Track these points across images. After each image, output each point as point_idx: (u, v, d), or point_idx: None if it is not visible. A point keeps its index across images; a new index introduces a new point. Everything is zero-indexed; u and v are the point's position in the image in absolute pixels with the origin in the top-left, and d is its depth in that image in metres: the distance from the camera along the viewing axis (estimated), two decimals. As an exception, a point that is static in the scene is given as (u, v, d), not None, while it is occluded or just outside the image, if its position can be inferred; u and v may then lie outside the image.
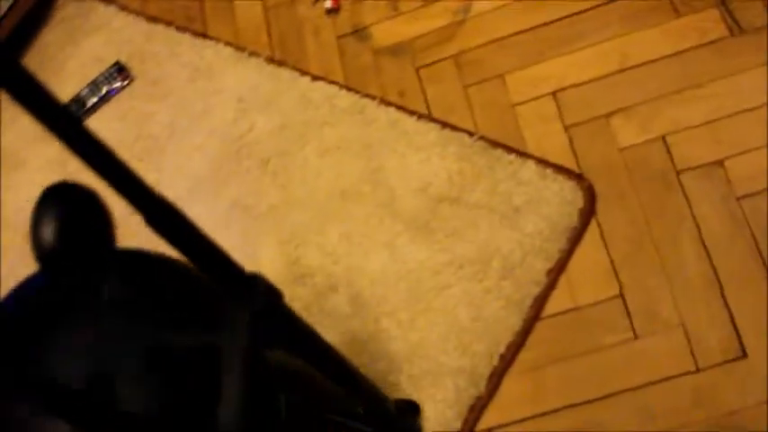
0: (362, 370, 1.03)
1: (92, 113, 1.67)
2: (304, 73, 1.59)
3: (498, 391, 1.27)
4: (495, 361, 1.27)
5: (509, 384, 1.27)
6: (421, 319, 1.32)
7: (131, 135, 1.60)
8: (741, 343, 1.21)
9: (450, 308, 1.31)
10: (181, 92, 1.62)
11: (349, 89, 1.55)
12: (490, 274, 1.32)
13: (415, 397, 1.28)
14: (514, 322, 1.29)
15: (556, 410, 1.24)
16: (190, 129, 1.58)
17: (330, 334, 0.93)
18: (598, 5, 1.47)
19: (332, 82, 1.57)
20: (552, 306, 1.30)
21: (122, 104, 1.66)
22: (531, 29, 1.51)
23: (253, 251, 1.39)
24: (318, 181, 1.48)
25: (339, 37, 1.63)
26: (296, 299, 1.34)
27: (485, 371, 1.27)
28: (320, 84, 1.58)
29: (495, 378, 1.27)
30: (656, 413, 1.20)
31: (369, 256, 1.38)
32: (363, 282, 1.36)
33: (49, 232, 0.88)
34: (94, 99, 1.68)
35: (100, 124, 1.61)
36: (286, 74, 1.62)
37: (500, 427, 1.26)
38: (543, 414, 1.25)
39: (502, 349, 1.27)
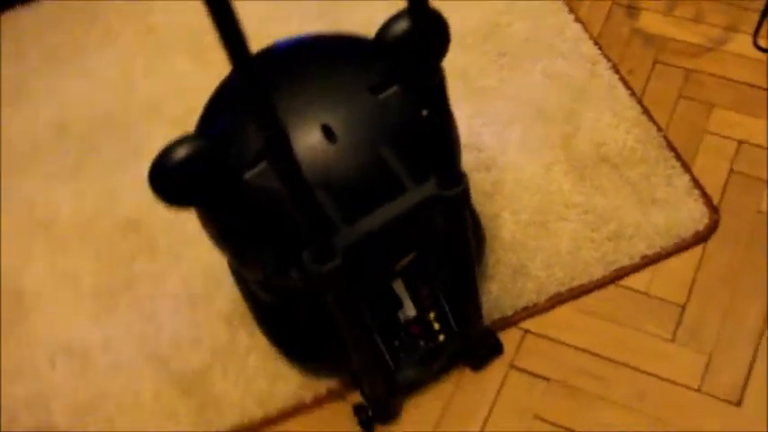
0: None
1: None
2: (572, 11, 1.88)
3: (552, 310, 1.55)
4: (564, 289, 1.55)
5: (562, 311, 1.55)
6: (532, 228, 1.61)
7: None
8: (742, 393, 1.45)
9: (558, 234, 1.60)
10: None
11: (596, 43, 1.83)
12: (602, 230, 1.59)
13: (486, 276, 1.57)
14: (595, 273, 1.56)
15: (576, 348, 1.51)
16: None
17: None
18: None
19: (587, 30, 1.85)
20: (629, 280, 1.56)
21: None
22: (759, 87, 1.75)
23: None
24: (531, 90, 1.77)
25: (614, 3, 1.91)
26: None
27: (552, 289, 1.55)
28: (578, 26, 1.86)
29: (556, 300, 1.55)
30: (645, 397, 1.46)
31: (529, 162, 1.67)
32: (512, 175, 1.66)
33: None
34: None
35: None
36: (558, 5, 1.90)
37: (535, 334, 1.54)
38: (565, 344, 1.53)
39: (574, 284, 1.55)
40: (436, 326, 1.41)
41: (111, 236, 1.75)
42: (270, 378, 1.55)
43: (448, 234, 1.21)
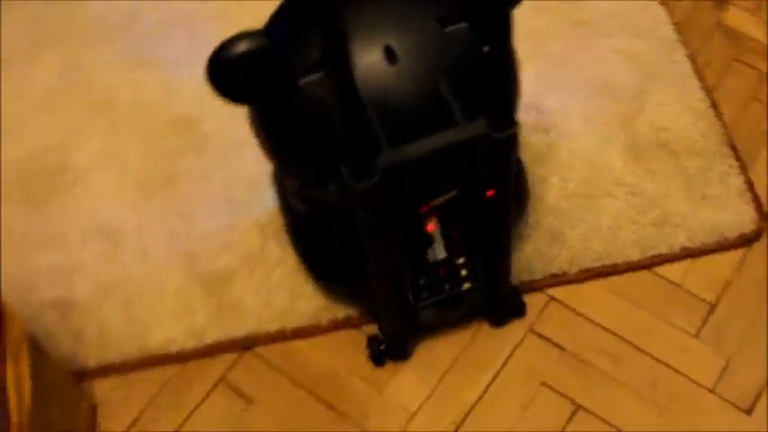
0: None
1: None
2: (662, -7, 1.86)
3: (581, 283, 1.55)
4: (597, 264, 1.54)
5: (591, 286, 1.55)
6: (578, 199, 1.60)
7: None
8: (755, 402, 1.43)
9: (602, 210, 1.59)
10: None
11: (677, 29, 1.81)
12: (647, 215, 1.58)
13: (523, 236, 1.56)
14: (631, 255, 1.54)
15: (598, 325, 1.51)
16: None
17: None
18: None
19: (670, 15, 1.82)
20: (664, 269, 1.55)
21: None
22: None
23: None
24: (602, 64, 1.75)
25: (705, -7, 1.88)
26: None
27: (585, 262, 1.54)
28: (661, 9, 1.83)
29: (588, 274, 1.54)
30: (657, 386, 1.45)
31: (586, 134, 1.66)
32: (568, 143, 1.65)
33: None
34: None
35: None
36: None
37: (560, 303, 1.54)
38: (588, 319, 1.52)
39: (608, 262, 1.54)
40: (463, 272, 1.40)
41: (164, 129, 1.77)
42: (292, 294, 1.56)
43: (490, 179, 1.20)
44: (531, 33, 1.79)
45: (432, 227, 1.34)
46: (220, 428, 1.47)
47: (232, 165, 1.70)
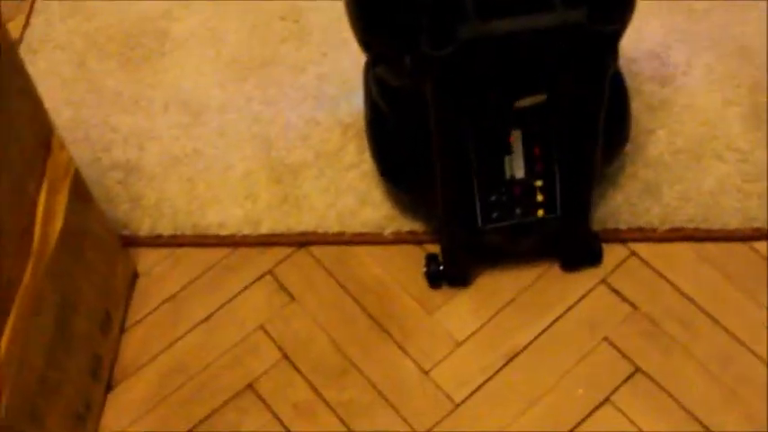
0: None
1: None
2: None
3: (669, 243, 1.42)
4: (691, 226, 1.42)
5: (679, 248, 1.41)
6: (684, 156, 1.48)
7: None
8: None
9: (708, 171, 1.45)
10: None
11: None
12: (755, 184, 1.43)
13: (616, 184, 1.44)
14: (730, 223, 1.41)
15: (678, 289, 1.38)
16: None
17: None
18: None
19: None
20: (761, 245, 1.40)
21: None
22: None
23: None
24: (741, 26, 1.62)
25: None
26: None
27: (678, 222, 1.41)
28: None
29: (679, 234, 1.42)
30: (729, 365, 1.31)
31: (708, 92, 1.54)
32: (685, 99, 1.54)
33: None
34: None
35: None
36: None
37: (641, 259, 1.41)
38: (668, 281, 1.39)
39: (703, 226, 1.41)
40: (540, 198, 1.29)
41: (270, 15, 1.72)
42: (360, 200, 1.48)
43: (582, 83, 1.09)
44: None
45: (513, 138, 1.23)
46: (254, 319, 1.40)
47: (330, 61, 1.65)
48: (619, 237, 1.43)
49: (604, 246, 1.41)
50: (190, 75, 1.66)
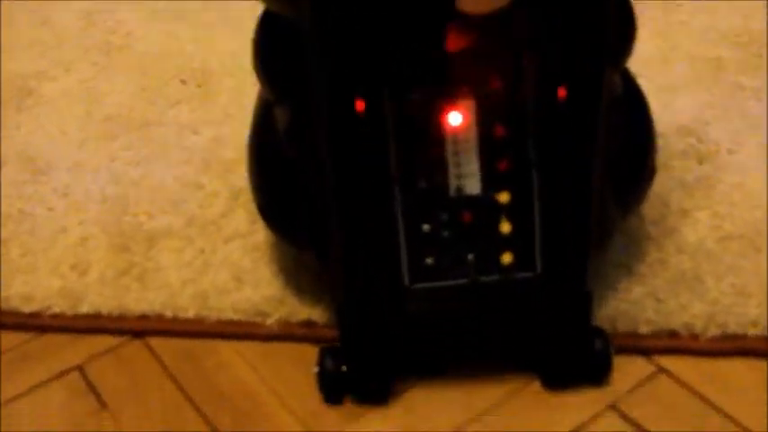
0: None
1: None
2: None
3: (714, 359, 0.87)
4: (751, 333, 0.89)
5: (731, 363, 0.87)
6: (736, 243, 0.98)
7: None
8: None
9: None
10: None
11: None
12: None
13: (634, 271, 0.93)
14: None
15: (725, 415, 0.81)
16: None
17: None
18: None
19: None
20: None
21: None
22: None
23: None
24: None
25: None
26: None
27: (731, 326, 0.88)
28: None
29: (732, 345, 0.89)
30: None
31: (759, 170, 1.04)
32: (733, 177, 1.08)
33: None
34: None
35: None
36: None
37: (675, 380, 0.86)
38: (714, 407, 0.83)
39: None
40: (505, 226, 0.78)
41: (170, 77, 1.39)
42: (236, 277, 1.00)
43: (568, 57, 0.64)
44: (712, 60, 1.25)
45: (459, 108, 0.75)
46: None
47: (233, 121, 1.25)
48: (639, 345, 0.89)
49: (616, 359, 0.86)
50: (47, 132, 1.27)
